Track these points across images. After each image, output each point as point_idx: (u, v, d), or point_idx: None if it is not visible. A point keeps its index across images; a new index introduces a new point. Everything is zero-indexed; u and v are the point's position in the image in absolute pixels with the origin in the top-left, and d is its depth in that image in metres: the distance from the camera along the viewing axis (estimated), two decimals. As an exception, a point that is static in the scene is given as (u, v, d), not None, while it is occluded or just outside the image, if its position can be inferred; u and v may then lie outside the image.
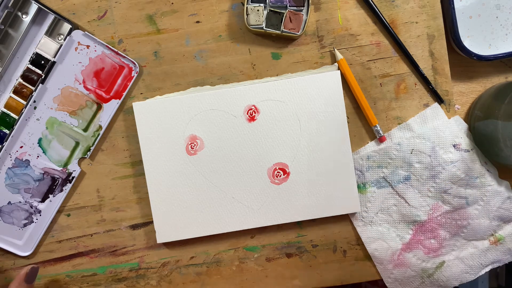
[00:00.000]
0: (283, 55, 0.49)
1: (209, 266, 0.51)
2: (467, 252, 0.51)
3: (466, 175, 0.48)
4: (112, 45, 0.49)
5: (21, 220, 0.50)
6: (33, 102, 0.48)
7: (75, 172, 0.50)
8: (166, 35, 0.49)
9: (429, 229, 0.50)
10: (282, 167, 0.49)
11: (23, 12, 0.48)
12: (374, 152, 0.49)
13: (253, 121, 0.48)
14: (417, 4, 0.49)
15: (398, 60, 0.49)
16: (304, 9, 0.48)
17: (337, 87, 0.48)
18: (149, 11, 0.49)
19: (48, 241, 0.51)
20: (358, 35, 0.49)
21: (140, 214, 0.50)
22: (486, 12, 0.48)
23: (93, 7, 0.48)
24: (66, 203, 0.50)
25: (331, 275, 0.51)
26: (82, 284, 0.51)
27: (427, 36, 0.49)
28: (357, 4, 0.49)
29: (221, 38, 0.49)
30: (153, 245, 0.51)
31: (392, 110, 0.50)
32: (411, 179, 0.49)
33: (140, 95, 0.50)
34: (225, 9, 0.49)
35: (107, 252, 0.51)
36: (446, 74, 0.49)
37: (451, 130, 0.48)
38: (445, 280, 0.50)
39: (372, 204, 0.50)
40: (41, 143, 0.49)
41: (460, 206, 0.49)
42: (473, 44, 0.49)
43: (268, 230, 0.51)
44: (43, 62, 0.48)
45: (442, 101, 0.49)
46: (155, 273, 0.51)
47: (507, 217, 0.50)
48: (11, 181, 0.49)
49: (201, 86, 0.49)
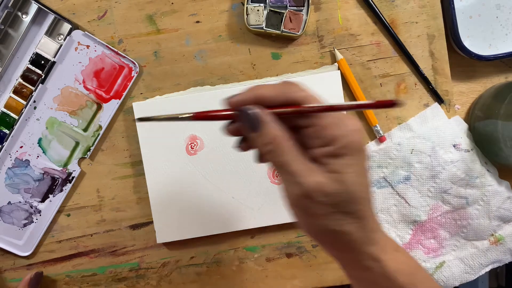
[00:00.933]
0: (283, 55, 0.49)
1: (209, 266, 0.51)
2: (467, 252, 0.51)
3: (466, 175, 0.48)
4: (112, 45, 0.49)
5: (21, 220, 0.50)
6: (33, 102, 0.48)
7: (75, 172, 0.50)
8: (166, 35, 0.49)
9: (429, 229, 0.50)
10: (282, 167, 0.48)
11: (23, 12, 0.48)
12: (374, 152, 0.49)
13: (253, 121, 0.48)
14: (417, 4, 0.49)
15: (398, 60, 0.49)
16: (304, 9, 0.48)
17: (337, 87, 0.48)
18: (149, 11, 0.49)
19: (48, 241, 0.51)
20: (358, 35, 0.49)
21: (140, 214, 0.50)
22: (486, 12, 0.48)
23: (93, 7, 0.48)
24: (66, 203, 0.50)
25: (331, 275, 0.51)
26: (82, 284, 0.51)
27: (427, 36, 0.49)
28: (357, 4, 0.49)
29: (221, 38, 0.49)
30: (153, 245, 0.51)
31: (392, 110, 0.49)
32: (411, 179, 0.49)
33: (140, 95, 0.50)
34: (225, 9, 0.49)
35: (107, 252, 0.51)
36: (446, 74, 0.49)
37: (451, 130, 0.48)
38: (445, 280, 0.50)
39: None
40: (41, 143, 0.49)
41: (460, 206, 0.49)
42: (473, 44, 0.49)
43: (268, 230, 0.51)
44: (43, 62, 0.48)
45: (442, 101, 0.49)
46: (155, 273, 0.51)
47: (507, 217, 0.50)
48: (11, 181, 0.49)
49: (201, 86, 0.49)
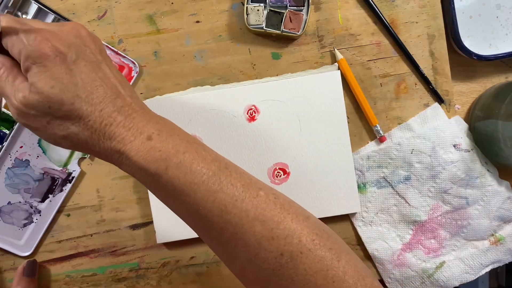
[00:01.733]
0: (283, 55, 0.49)
1: (209, 266, 0.51)
2: (467, 252, 0.51)
3: (466, 175, 0.48)
4: (112, 45, 0.49)
5: (21, 220, 0.50)
6: (33, 102, 0.48)
7: (75, 172, 0.50)
8: (166, 35, 0.49)
9: (429, 229, 0.50)
10: (282, 167, 0.49)
11: (23, 12, 0.48)
12: (374, 152, 0.49)
13: (253, 121, 0.48)
14: (417, 4, 0.49)
15: (398, 60, 0.49)
16: (304, 9, 0.48)
17: (337, 87, 0.48)
18: (149, 11, 0.49)
19: (48, 241, 0.51)
20: (358, 35, 0.49)
21: (140, 214, 0.50)
22: (486, 12, 0.48)
23: (93, 7, 0.48)
24: (66, 203, 0.50)
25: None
26: (82, 284, 0.51)
27: (427, 36, 0.49)
28: (357, 4, 0.49)
29: (221, 38, 0.49)
30: (153, 245, 0.51)
31: (392, 110, 0.49)
32: (411, 179, 0.49)
33: (140, 95, 0.49)
34: (225, 9, 0.49)
35: (107, 252, 0.51)
36: (446, 74, 0.49)
37: (451, 130, 0.48)
38: (445, 280, 0.50)
39: (372, 204, 0.50)
40: (41, 143, 0.49)
41: (460, 206, 0.49)
42: (473, 44, 0.49)
43: (268, 230, 0.51)
44: (43, 62, 0.48)
45: (442, 101, 0.49)
46: (155, 273, 0.51)
47: (507, 217, 0.50)
48: (11, 181, 0.49)
49: (201, 86, 0.49)
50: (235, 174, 0.32)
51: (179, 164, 0.31)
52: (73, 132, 0.31)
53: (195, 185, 0.31)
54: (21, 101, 0.30)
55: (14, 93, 0.31)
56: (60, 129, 0.31)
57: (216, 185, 0.31)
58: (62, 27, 0.32)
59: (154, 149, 0.31)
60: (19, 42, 0.30)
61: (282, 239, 0.30)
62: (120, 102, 0.32)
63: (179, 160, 0.31)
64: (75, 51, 0.31)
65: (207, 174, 0.31)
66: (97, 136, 0.31)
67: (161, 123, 0.32)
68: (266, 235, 0.30)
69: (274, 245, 0.30)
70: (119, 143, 0.31)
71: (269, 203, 0.31)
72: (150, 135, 0.31)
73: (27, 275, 0.48)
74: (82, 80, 0.31)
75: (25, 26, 0.31)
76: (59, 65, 0.30)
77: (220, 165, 0.32)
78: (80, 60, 0.31)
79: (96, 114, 0.31)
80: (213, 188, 0.31)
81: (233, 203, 0.31)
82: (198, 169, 0.31)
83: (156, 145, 0.31)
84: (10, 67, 0.32)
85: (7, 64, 0.32)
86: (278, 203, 0.32)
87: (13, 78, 0.32)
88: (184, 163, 0.31)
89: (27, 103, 0.30)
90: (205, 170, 0.31)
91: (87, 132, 0.31)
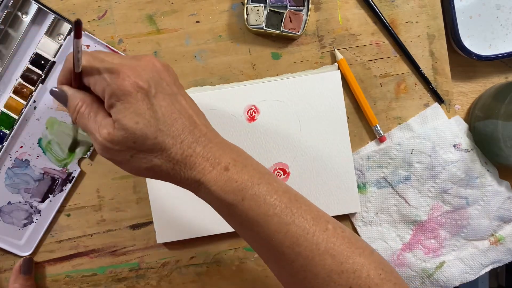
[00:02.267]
0: (283, 55, 0.49)
1: (209, 266, 0.51)
2: (467, 252, 0.51)
3: (466, 175, 0.48)
4: (112, 45, 0.49)
5: (21, 220, 0.50)
6: (33, 102, 0.48)
7: (75, 172, 0.50)
8: (166, 35, 0.49)
9: (429, 229, 0.50)
10: (282, 167, 0.49)
11: (23, 12, 0.48)
12: (374, 152, 0.49)
13: (253, 121, 0.48)
14: (417, 4, 0.49)
15: (398, 60, 0.49)
16: (304, 9, 0.48)
17: (337, 87, 0.48)
18: (149, 11, 0.49)
19: (48, 241, 0.51)
20: (358, 35, 0.49)
21: (140, 214, 0.50)
22: (486, 12, 0.48)
23: (93, 7, 0.48)
24: (66, 203, 0.50)
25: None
26: (82, 284, 0.51)
27: (427, 36, 0.49)
28: (357, 4, 0.49)
29: (221, 38, 0.49)
30: (153, 245, 0.51)
31: (392, 110, 0.49)
32: (411, 179, 0.49)
33: (140, 95, 0.49)
34: (225, 9, 0.49)
35: (107, 252, 0.51)
36: (446, 74, 0.49)
37: (451, 130, 0.48)
38: (445, 280, 0.50)
39: (372, 204, 0.50)
40: (41, 143, 0.49)
41: (460, 206, 0.49)
42: (473, 44, 0.49)
43: (268, 230, 0.51)
44: (43, 62, 0.48)
45: (442, 101, 0.49)
46: (155, 273, 0.51)
47: (507, 217, 0.50)
48: (11, 181, 0.49)
49: (201, 86, 0.49)
50: (305, 206, 0.33)
51: (254, 195, 0.32)
52: (156, 165, 0.32)
53: (268, 217, 0.31)
54: (106, 137, 0.31)
55: (98, 129, 0.32)
56: (144, 162, 0.32)
57: (288, 218, 0.32)
58: (138, 61, 0.33)
59: (231, 180, 0.32)
60: (101, 80, 0.31)
61: (351, 273, 0.31)
62: (198, 132, 0.33)
63: (254, 192, 0.32)
64: (154, 85, 0.32)
65: (280, 206, 0.32)
66: (178, 167, 0.32)
67: (235, 152, 0.34)
68: (336, 269, 0.31)
69: (343, 278, 0.31)
70: (199, 173, 0.32)
71: (338, 237, 0.32)
72: (226, 165, 0.32)
73: (23, 273, 0.48)
74: (163, 113, 0.32)
75: (105, 63, 0.31)
76: (141, 101, 0.31)
77: (291, 197, 0.33)
78: (158, 94, 0.32)
79: (177, 146, 0.32)
80: (285, 220, 0.32)
81: (304, 236, 0.32)
82: (271, 201, 0.32)
83: (233, 176, 0.32)
84: (90, 104, 0.33)
85: (87, 101, 0.33)
86: (346, 237, 0.33)
87: (94, 114, 0.32)
88: (259, 195, 0.32)
89: (112, 139, 0.31)
90: (278, 202, 0.32)
91: (169, 164, 0.32)
